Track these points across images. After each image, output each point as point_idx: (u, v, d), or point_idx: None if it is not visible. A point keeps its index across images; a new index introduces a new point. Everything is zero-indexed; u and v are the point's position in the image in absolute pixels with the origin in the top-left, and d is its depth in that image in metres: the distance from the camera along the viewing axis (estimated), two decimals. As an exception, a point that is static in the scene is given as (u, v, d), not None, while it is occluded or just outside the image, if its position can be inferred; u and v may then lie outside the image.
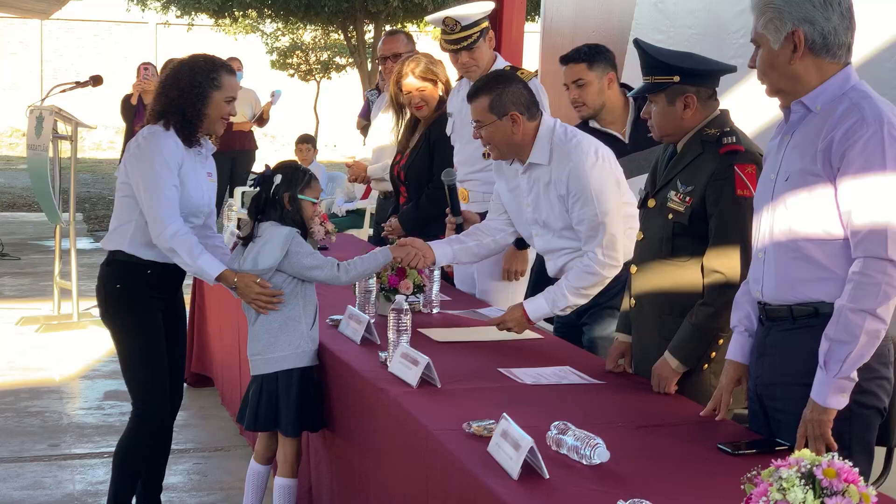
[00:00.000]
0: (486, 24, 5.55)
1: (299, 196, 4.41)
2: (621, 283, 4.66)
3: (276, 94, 13.24)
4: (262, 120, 13.28)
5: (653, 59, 3.94)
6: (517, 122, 4.56)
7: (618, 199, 4.55)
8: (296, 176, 4.44)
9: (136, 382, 4.67)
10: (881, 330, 3.06)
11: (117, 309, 4.68)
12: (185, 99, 4.56)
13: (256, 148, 13.36)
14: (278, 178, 4.42)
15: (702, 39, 6.73)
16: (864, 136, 3.06)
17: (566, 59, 5.21)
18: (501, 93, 4.57)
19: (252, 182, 4.57)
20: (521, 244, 5.31)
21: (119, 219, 4.64)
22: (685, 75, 3.87)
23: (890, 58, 5.18)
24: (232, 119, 4.80)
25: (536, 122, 4.62)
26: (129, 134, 11.56)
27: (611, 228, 4.49)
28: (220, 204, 10.82)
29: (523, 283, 5.59)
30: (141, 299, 4.64)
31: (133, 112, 11.44)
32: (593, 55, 5.17)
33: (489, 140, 4.63)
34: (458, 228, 5.04)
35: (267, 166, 4.51)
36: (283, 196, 4.40)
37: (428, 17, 5.72)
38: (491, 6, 5.62)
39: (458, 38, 5.48)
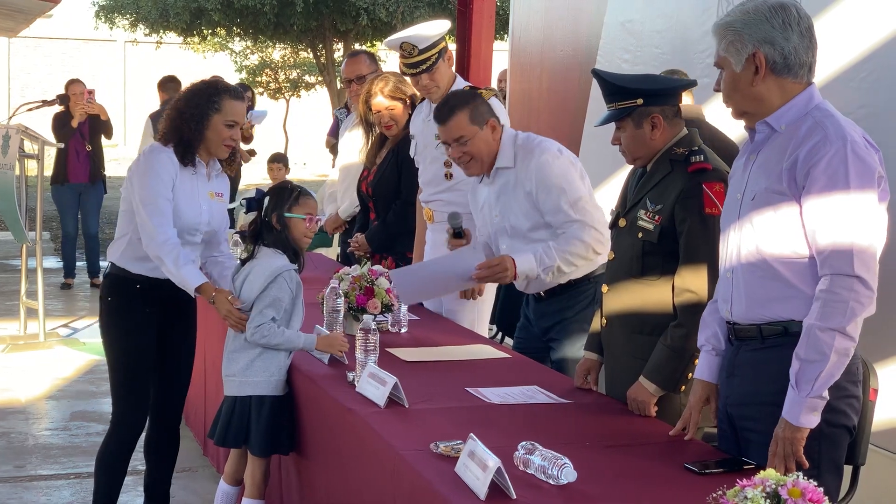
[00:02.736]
0: (443, 44, 5.52)
1: (286, 214, 4.43)
2: (590, 296, 4.69)
3: (255, 115, 13.02)
4: (246, 138, 13.05)
5: (614, 86, 3.97)
6: (496, 129, 4.74)
7: (586, 190, 4.68)
8: (282, 195, 4.49)
9: (114, 393, 4.83)
10: (850, 348, 3.07)
11: (107, 320, 4.80)
12: (182, 120, 4.68)
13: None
14: (267, 200, 4.46)
15: (669, 59, 6.77)
16: (828, 153, 3.09)
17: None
18: (476, 104, 4.71)
19: (243, 205, 4.59)
20: None
21: (118, 231, 4.79)
22: (647, 96, 3.90)
23: (855, 77, 5.22)
24: None
25: (501, 129, 4.78)
26: (65, 154, 11.39)
27: (587, 210, 4.61)
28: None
29: (489, 304, 5.60)
30: (131, 313, 4.73)
31: (71, 133, 11.33)
32: None
33: (473, 153, 4.71)
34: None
35: (259, 190, 4.55)
36: (272, 216, 4.43)
37: (384, 42, 5.67)
38: (447, 26, 5.57)
39: (416, 62, 5.44)
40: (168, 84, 11.49)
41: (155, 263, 4.60)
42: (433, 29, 5.48)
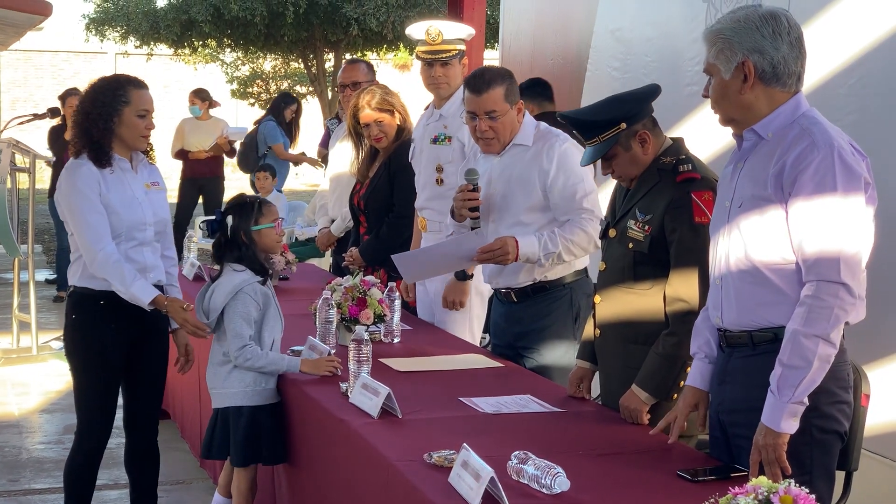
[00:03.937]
0: (464, 47, 5.56)
1: (253, 228, 4.43)
2: (566, 303, 4.70)
3: (232, 131, 12.84)
4: (227, 153, 12.95)
5: (590, 122, 3.95)
6: (520, 111, 4.78)
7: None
8: (245, 209, 4.50)
9: (79, 407, 4.81)
10: (832, 355, 3.09)
11: (72, 338, 4.74)
12: (90, 121, 4.58)
13: (224, 177, 13.02)
14: (230, 219, 4.45)
15: (658, 67, 6.78)
16: (815, 160, 3.10)
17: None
18: (512, 83, 4.75)
19: (205, 228, 4.58)
20: (461, 275, 5.28)
21: (73, 255, 4.70)
22: (628, 117, 3.90)
23: (843, 84, 5.23)
24: (188, 148, 4.83)
25: (524, 113, 4.84)
26: (61, 167, 11.40)
27: (597, 204, 4.67)
28: (184, 230, 10.77)
29: (481, 316, 5.60)
30: (96, 331, 4.65)
31: (66, 146, 11.33)
32: None
33: (498, 131, 4.73)
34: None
35: (217, 210, 4.53)
36: (240, 234, 4.42)
37: (410, 28, 5.64)
38: (472, 32, 5.63)
39: (436, 50, 5.45)
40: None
41: None
42: (462, 27, 5.56)
